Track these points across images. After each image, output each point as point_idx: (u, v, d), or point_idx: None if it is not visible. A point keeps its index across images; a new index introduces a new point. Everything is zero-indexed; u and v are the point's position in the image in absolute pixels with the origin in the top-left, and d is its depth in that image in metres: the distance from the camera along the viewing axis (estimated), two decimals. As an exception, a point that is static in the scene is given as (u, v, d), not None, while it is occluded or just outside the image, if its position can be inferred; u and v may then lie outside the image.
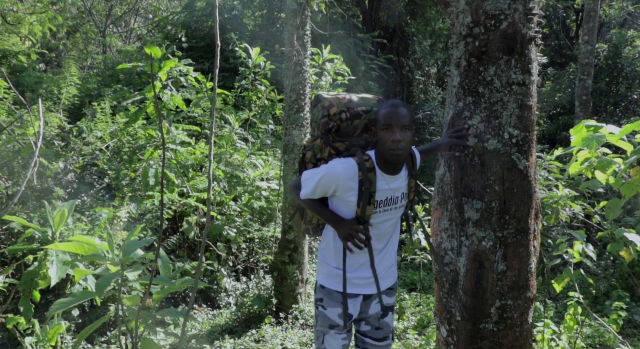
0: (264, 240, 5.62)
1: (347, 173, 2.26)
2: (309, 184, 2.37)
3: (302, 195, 2.42)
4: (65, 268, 3.11)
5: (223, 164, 5.56)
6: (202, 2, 10.18)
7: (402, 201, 2.42)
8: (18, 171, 4.80)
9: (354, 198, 2.29)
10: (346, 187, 2.28)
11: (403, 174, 2.38)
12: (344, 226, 2.33)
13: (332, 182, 2.29)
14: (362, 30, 11.05)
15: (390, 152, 2.19)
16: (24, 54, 7.89)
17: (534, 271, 2.23)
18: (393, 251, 2.54)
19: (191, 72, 5.03)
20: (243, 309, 4.77)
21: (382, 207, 2.34)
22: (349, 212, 2.35)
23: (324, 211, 2.41)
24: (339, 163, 2.29)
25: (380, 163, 2.30)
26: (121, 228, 4.40)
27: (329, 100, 2.45)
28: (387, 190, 2.34)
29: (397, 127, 2.17)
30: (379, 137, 2.23)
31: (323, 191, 2.35)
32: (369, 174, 2.26)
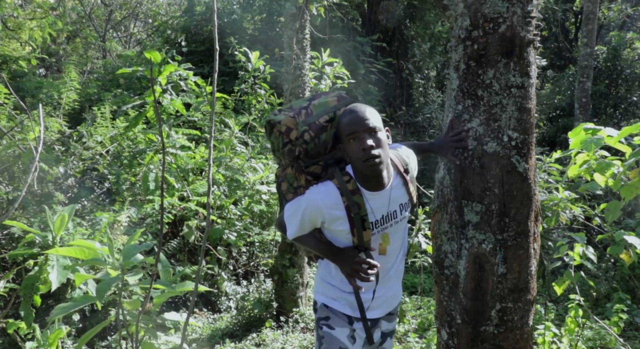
0: (265, 243, 5.61)
1: (329, 203, 2.01)
2: (292, 222, 2.12)
3: (289, 235, 2.16)
4: (65, 273, 3.11)
5: (223, 168, 5.56)
6: (201, 6, 10.21)
7: (403, 213, 2.16)
8: (19, 176, 4.80)
9: (345, 227, 2.04)
10: (332, 217, 2.03)
11: (396, 183, 2.11)
12: (344, 261, 2.05)
13: (316, 216, 2.05)
14: (362, 33, 11.07)
15: (366, 164, 1.92)
16: (24, 59, 7.91)
17: (534, 273, 2.23)
18: (400, 267, 2.29)
19: (191, 76, 5.04)
20: (244, 313, 4.76)
21: (379, 227, 2.09)
22: (345, 241, 2.10)
23: (318, 246, 2.16)
24: (318, 193, 2.03)
25: (362, 181, 2.03)
26: (121, 232, 4.40)
27: (285, 124, 2.09)
28: (381, 208, 2.08)
29: (364, 132, 1.93)
30: (348, 152, 1.97)
31: (310, 225, 2.12)
32: (354, 197, 2.00)
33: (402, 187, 2.14)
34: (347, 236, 2.06)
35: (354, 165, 2.00)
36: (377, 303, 2.22)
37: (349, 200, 2.00)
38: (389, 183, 2.07)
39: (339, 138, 2.05)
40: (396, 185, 2.11)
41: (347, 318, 2.21)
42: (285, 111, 2.17)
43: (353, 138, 1.94)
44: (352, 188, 2.01)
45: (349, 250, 2.05)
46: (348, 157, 2.00)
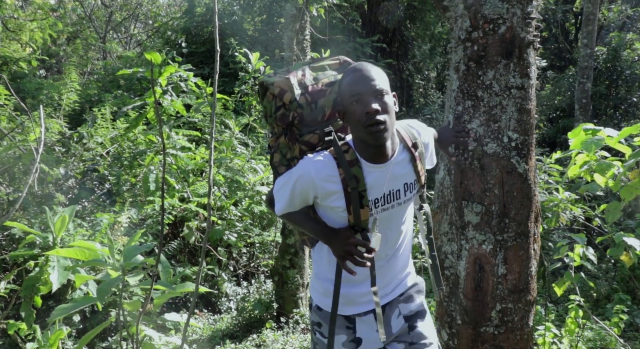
0: (265, 244, 5.62)
1: (323, 174, 1.76)
2: (282, 196, 1.87)
3: (278, 211, 1.91)
4: (66, 274, 3.11)
5: (223, 169, 5.57)
6: (201, 7, 10.22)
7: (408, 194, 1.87)
8: (19, 177, 4.81)
9: (341, 203, 1.78)
10: (326, 191, 1.78)
11: (401, 157, 1.83)
12: (336, 241, 1.80)
13: (308, 188, 1.80)
14: (362, 34, 11.08)
15: (368, 130, 1.66)
16: (24, 60, 7.93)
17: (534, 274, 2.23)
18: (404, 256, 2.01)
19: (191, 78, 5.04)
20: (244, 314, 4.76)
21: (380, 207, 1.82)
22: (340, 220, 1.84)
23: (308, 224, 1.91)
24: (311, 163, 1.78)
25: (362, 151, 1.77)
26: (122, 233, 4.40)
27: (278, 86, 1.89)
28: (382, 184, 1.80)
29: (370, 95, 1.67)
30: (350, 116, 1.71)
31: (301, 200, 1.86)
32: (352, 169, 1.75)
33: (409, 164, 1.86)
34: (342, 214, 1.81)
35: (355, 131, 1.75)
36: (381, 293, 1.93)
37: (346, 172, 1.75)
38: (393, 156, 1.80)
39: (339, 102, 1.80)
40: (401, 160, 1.83)
41: (345, 319, 1.94)
42: (281, 73, 1.98)
43: (356, 101, 1.68)
44: (351, 159, 1.76)
45: (344, 230, 1.80)
46: (348, 122, 1.76)
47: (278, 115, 1.89)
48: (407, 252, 2.03)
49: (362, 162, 1.77)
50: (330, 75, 1.94)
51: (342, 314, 1.94)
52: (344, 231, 1.80)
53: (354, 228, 1.81)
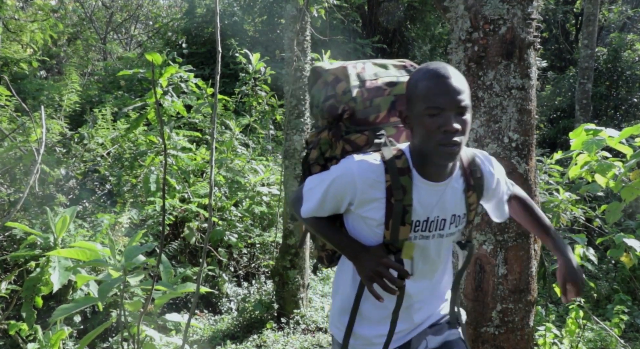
0: (265, 245, 5.62)
1: (368, 177, 1.52)
2: (313, 196, 1.63)
3: (304, 212, 1.68)
4: (67, 274, 3.11)
5: (224, 170, 5.57)
6: (202, 8, 10.23)
7: (452, 227, 1.62)
8: (20, 178, 4.82)
9: (378, 215, 1.53)
10: (366, 198, 1.54)
11: (456, 184, 1.59)
12: (367, 258, 1.54)
13: (345, 191, 1.55)
14: (362, 35, 11.09)
15: (440, 151, 1.43)
16: (25, 61, 7.93)
17: (534, 274, 2.24)
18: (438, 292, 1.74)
19: (192, 78, 5.05)
20: (244, 314, 4.77)
21: (419, 232, 1.57)
22: (371, 236, 1.59)
23: (335, 235, 1.66)
24: (356, 163, 1.53)
25: (419, 164, 1.53)
26: (123, 234, 4.40)
27: (334, 73, 1.71)
28: (430, 207, 1.55)
29: (452, 110, 1.42)
30: (419, 125, 1.46)
31: (334, 205, 1.61)
32: (401, 178, 1.51)
33: (462, 194, 1.61)
34: (376, 229, 1.56)
35: (419, 141, 1.49)
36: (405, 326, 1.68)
37: (394, 180, 1.50)
38: (449, 178, 1.57)
39: (406, 102, 1.54)
40: (455, 187, 1.60)
41: None
42: (337, 63, 1.79)
43: (434, 114, 1.43)
44: (403, 166, 1.52)
45: (376, 248, 1.56)
46: (412, 129, 1.51)
47: (326, 106, 1.69)
48: (442, 290, 1.76)
49: (414, 173, 1.54)
50: (393, 75, 1.72)
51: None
52: (376, 249, 1.56)
53: (387, 247, 1.56)
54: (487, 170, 1.67)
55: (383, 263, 1.51)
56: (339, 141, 1.66)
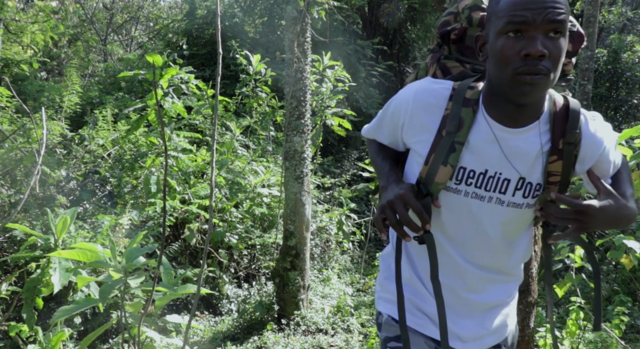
0: (266, 246, 5.62)
1: (425, 100, 1.27)
2: (376, 117, 1.46)
3: (363, 130, 1.53)
4: (68, 275, 3.12)
5: (224, 171, 5.58)
6: (203, 10, 10.24)
7: (518, 195, 1.26)
8: (21, 179, 4.82)
9: (425, 149, 1.28)
10: (416, 124, 1.29)
11: (537, 138, 1.23)
12: (392, 188, 1.28)
13: (400, 111, 1.32)
14: (362, 36, 11.10)
15: (518, 80, 1.11)
16: (26, 62, 7.94)
17: (535, 276, 2.24)
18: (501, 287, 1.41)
19: (192, 80, 5.06)
20: (245, 315, 4.77)
21: (472, 186, 1.25)
22: (413, 172, 1.33)
23: (379, 159, 1.44)
24: (419, 83, 1.31)
25: (489, 101, 1.24)
26: (123, 235, 4.41)
27: None
28: (491, 156, 1.24)
29: (539, 27, 1.09)
30: (495, 50, 1.14)
31: (391, 128, 1.39)
32: (463, 109, 1.24)
33: (542, 156, 1.24)
34: (419, 166, 1.30)
35: (494, 73, 1.17)
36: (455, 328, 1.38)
37: (454, 110, 1.24)
38: (526, 126, 1.23)
39: (486, 26, 1.23)
40: (534, 143, 1.23)
41: (433, 343, 1.40)
42: None
43: (514, 30, 1.11)
44: (470, 97, 1.25)
45: (406, 183, 1.28)
46: (490, 61, 1.19)
47: (440, 21, 1.47)
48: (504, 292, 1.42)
49: (481, 108, 1.26)
50: None
51: (427, 335, 1.41)
52: (406, 184, 1.28)
53: (418, 186, 1.29)
54: (590, 133, 1.26)
55: (401, 196, 1.23)
56: (433, 64, 1.45)
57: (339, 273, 6.10)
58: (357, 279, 6.08)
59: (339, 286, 5.62)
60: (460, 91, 1.25)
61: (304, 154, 4.69)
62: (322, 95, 6.37)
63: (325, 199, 7.36)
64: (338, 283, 5.75)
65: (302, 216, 4.68)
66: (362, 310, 5.03)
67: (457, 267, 1.34)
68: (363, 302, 5.29)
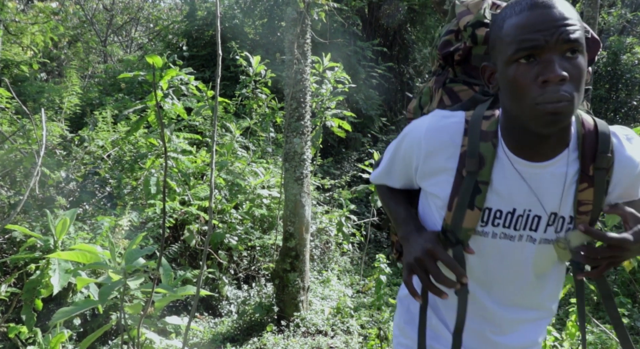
0: (265, 247, 5.62)
1: (438, 137, 1.16)
2: (383, 158, 1.36)
3: (372, 177, 1.41)
4: (67, 277, 3.12)
5: (224, 172, 5.58)
6: (203, 11, 10.25)
7: (551, 231, 1.16)
8: (20, 180, 4.82)
9: (445, 191, 1.16)
10: (432, 165, 1.18)
11: (564, 168, 1.11)
12: (414, 241, 1.18)
13: (412, 152, 1.21)
14: (362, 38, 11.10)
15: (540, 111, 0.99)
16: (26, 63, 7.95)
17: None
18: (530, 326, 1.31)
19: (192, 81, 5.06)
20: (244, 317, 4.77)
21: (501, 227, 1.15)
22: (436, 222, 1.22)
23: (393, 205, 1.33)
24: (429, 118, 1.20)
25: (508, 134, 1.12)
26: (123, 236, 4.41)
27: (466, 5, 1.32)
28: (518, 194, 1.13)
29: (555, 49, 0.98)
30: (507, 80, 1.04)
31: (402, 171, 1.28)
32: (482, 144, 1.11)
33: (572, 185, 1.13)
34: (439, 210, 1.19)
35: (510, 104, 1.06)
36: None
37: (471, 145, 1.12)
38: (555, 158, 1.11)
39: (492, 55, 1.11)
40: (562, 174, 1.12)
41: None
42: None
43: (526, 55, 0.99)
44: (488, 130, 1.13)
45: (431, 232, 1.19)
46: (503, 91, 1.08)
47: (441, 42, 1.34)
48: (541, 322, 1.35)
49: (500, 142, 1.13)
50: None
51: None
52: (430, 233, 1.19)
53: (445, 235, 1.17)
54: (626, 156, 1.13)
55: (429, 250, 1.13)
56: (438, 89, 1.33)
57: (338, 275, 6.09)
58: (357, 280, 6.07)
59: (339, 287, 5.62)
60: (475, 123, 1.13)
61: (304, 155, 4.69)
62: (322, 97, 6.38)
63: (325, 200, 7.36)
64: (338, 284, 5.75)
65: (302, 217, 4.68)
66: (362, 312, 5.03)
67: (485, 311, 1.26)
68: (363, 303, 5.29)
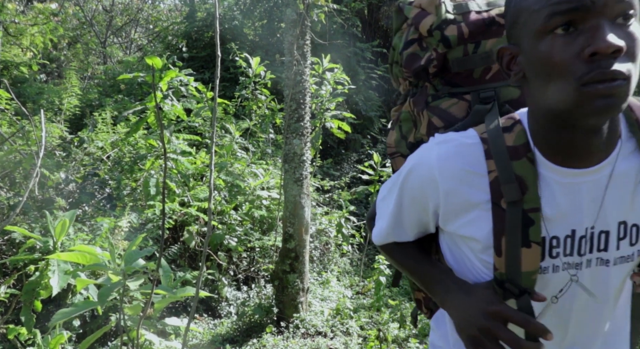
0: (265, 249, 5.62)
1: (455, 167, 0.92)
2: (384, 210, 1.10)
3: (375, 236, 1.15)
4: (66, 278, 3.11)
5: (224, 173, 5.58)
6: (202, 12, 10.25)
7: (625, 245, 0.91)
8: (20, 181, 4.81)
9: (483, 231, 0.92)
10: (457, 203, 0.94)
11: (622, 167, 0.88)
12: (467, 305, 0.92)
13: (425, 192, 0.97)
14: (362, 39, 11.11)
15: (585, 93, 0.75)
16: (25, 65, 7.95)
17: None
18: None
19: (192, 82, 5.06)
20: (244, 318, 4.76)
21: (562, 256, 0.90)
22: (478, 271, 0.97)
23: (413, 263, 1.08)
24: (435, 145, 0.96)
25: (544, 138, 0.88)
26: (122, 237, 4.40)
27: (419, 4, 1.09)
28: (575, 211, 0.89)
29: (601, 14, 0.73)
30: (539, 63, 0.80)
31: (415, 219, 1.04)
32: (515, 164, 0.88)
33: (637, 185, 0.89)
34: (482, 256, 0.94)
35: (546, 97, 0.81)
36: None
37: (501, 168, 0.88)
38: (607, 159, 0.88)
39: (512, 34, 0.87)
40: (621, 174, 0.88)
41: None
42: None
43: (564, 25, 0.76)
44: (517, 144, 0.89)
45: (484, 288, 0.93)
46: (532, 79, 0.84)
47: (405, 56, 1.10)
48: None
49: (537, 156, 0.89)
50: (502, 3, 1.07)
51: None
52: (483, 289, 0.92)
53: (503, 286, 0.90)
54: None
55: (493, 313, 0.87)
56: (422, 112, 1.07)
57: (338, 276, 6.09)
58: (357, 282, 6.07)
59: (338, 288, 5.62)
60: (497, 141, 0.88)
61: (304, 157, 4.69)
62: (322, 98, 6.37)
63: (325, 201, 7.36)
64: (337, 285, 5.74)
65: (302, 218, 4.68)
66: (362, 313, 5.03)
67: None
68: (362, 305, 5.29)
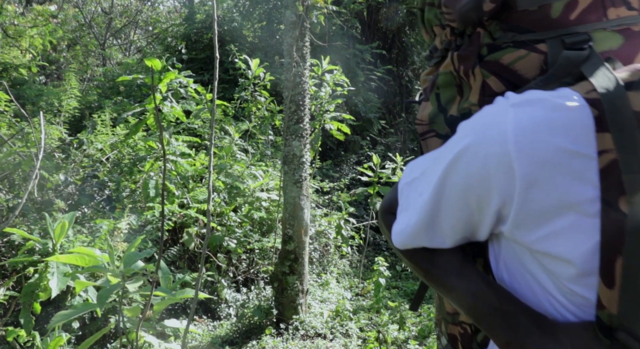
0: (264, 250, 5.62)
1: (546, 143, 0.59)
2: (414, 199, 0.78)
3: (396, 236, 0.82)
4: (65, 280, 3.11)
5: (223, 175, 5.57)
6: (202, 14, 10.26)
7: None
8: (19, 183, 4.81)
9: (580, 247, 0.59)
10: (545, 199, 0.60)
11: None
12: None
13: (486, 181, 0.64)
14: (361, 41, 11.12)
15: None
16: (24, 67, 7.95)
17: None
18: None
19: (191, 84, 5.06)
20: (243, 320, 4.76)
21: None
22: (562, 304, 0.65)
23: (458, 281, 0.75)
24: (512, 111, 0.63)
25: None
26: (122, 239, 4.40)
27: None
28: None
29: None
30: None
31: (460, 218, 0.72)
32: None
33: None
34: (573, 285, 0.63)
35: None
36: None
37: (626, 147, 0.56)
38: None
39: None
40: None
41: None
42: None
43: None
44: None
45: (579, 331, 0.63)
46: None
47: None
48: None
49: None
50: None
51: None
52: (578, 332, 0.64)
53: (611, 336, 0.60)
54: None
55: None
56: (473, 70, 0.77)
57: (337, 278, 6.09)
58: (356, 283, 6.07)
59: (338, 290, 5.61)
60: (617, 104, 0.58)
61: (303, 158, 4.69)
62: (321, 99, 6.38)
63: (324, 203, 7.36)
64: (337, 287, 5.74)
65: (301, 220, 4.68)
66: (361, 315, 5.02)
67: None
68: (362, 306, 5.29)
